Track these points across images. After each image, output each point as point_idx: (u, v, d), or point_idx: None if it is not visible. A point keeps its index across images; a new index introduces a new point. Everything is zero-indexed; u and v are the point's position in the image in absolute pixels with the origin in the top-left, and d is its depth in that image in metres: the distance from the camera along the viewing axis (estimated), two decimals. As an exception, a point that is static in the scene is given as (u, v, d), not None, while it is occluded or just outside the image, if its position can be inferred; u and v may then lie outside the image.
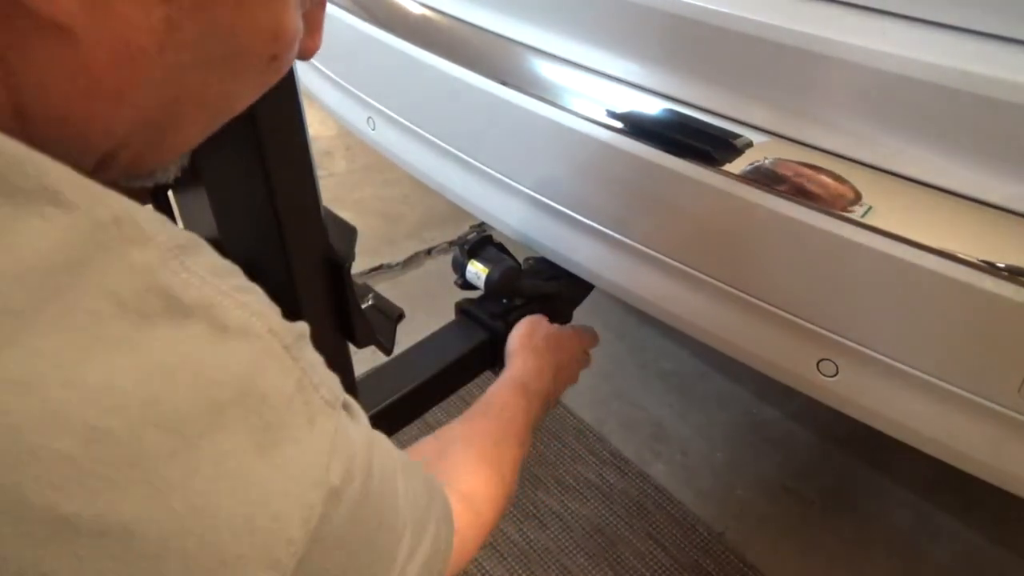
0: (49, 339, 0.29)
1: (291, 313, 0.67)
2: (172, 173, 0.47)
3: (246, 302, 0.37)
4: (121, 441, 0.29)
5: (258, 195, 0.61)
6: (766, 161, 0.81)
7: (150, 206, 0.38)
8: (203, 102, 0.40)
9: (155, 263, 0.33)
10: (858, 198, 0.75)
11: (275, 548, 0.34)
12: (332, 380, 0.43)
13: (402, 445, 0.70)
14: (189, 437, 0.32)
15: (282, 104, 0.59)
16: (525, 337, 1.03)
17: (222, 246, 0.66)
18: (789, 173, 0.79)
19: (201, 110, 0.40)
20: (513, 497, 0.76)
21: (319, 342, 0.71)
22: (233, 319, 0.35)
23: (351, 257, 0.70)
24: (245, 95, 0.43)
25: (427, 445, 0.77)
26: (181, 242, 0.35)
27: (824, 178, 0.77)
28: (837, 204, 0.76)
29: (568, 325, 1.17)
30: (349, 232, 0.72)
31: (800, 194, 0.78)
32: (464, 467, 0.73)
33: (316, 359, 0.42)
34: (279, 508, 0.35)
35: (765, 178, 0.80)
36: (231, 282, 0.37)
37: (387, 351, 0.81)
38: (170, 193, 0.67)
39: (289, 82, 0.58)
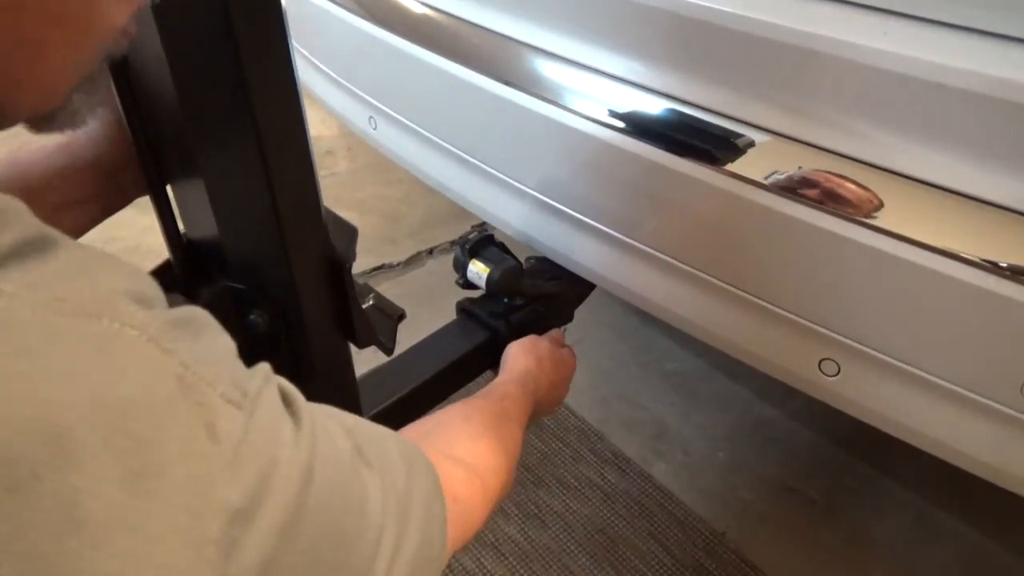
0: None
1: (292, 313, 0.68)
2: (82, 116, 0.40)
3: (78, 287, 0.29)
4: None
5: (259, 195, 0.60)
6: (769, 161, 0.81)
7: None
8: (49, 14, 0.32)
9: None
10: (859, 198, 0.75)
11: None
12: (237, 371, 0.35)
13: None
14: (15, 482, 0.24)
15: (283, 103, 0.59)
16: (528, 345, 1.00)
17: (223, 246, 0.66)
18: (791, 173, 0.79)
19: (51, 25, 0.32)
20: (514, 473, 0.72)
21: (321, 342, 0.72)
22: (62, 311, 0.28)
23: (352, 257, 0.70)
24: (111, 3, 0.35)
25: (423, 423, 0.73)
26: None
27: (826, 178, 0.77)
28: (838, 204, 0.76)
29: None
30: (350, 232, 0.72)
31: (802, 194, 0.78)
32: (464, 436, 0.69)
33: (213, 349, 0.35)
34: (167, 553, 0.28)
35: (767, 178, 0.80)
36: (50, 267, 0.29)
37: (388, 351, 0.81)
38: (170, 192, 0.67)
39: (290, 81, 0.58)
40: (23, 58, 0.32)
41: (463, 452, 0.65)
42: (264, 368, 0.37)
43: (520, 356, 0.98)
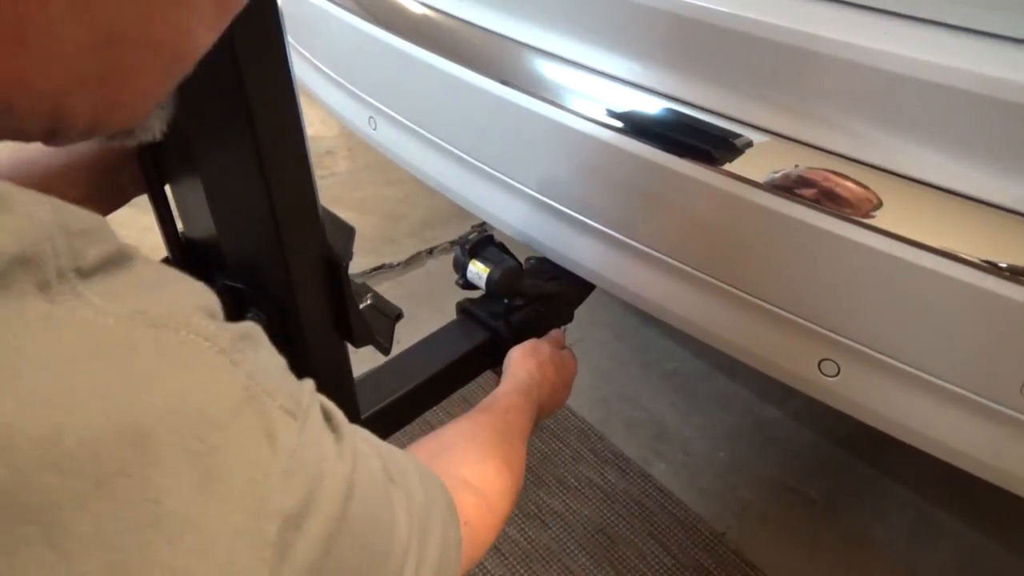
0: None
1: (289, 313, 0.67)
2: (156, 130, 0.42)
3: (155, 301, 0.31)
4: (9, 493, 0.24)
5: (255, 195, 0.60)
6: (768, 161, 0.81)
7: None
8: (147, 42, 0.34)
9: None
10: (858, 198, 0.75)
11: None
12: (293, 387, 0.37)
13: (402, 447, 0.69)
14: (103, 478, 0.26)
15: (279, 103, 0.59)
16: (530, 349, 1.01)
17: (220, 246, 0.66)
18: (790, 173, 0.79)
19: (149, 53, 0.34)
20: (519, 493, 0.74)
21: (318, 341, 0.71)
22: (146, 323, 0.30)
23: (349, 257, 0.70)
24: (201, 30, 0.36)
25: (429, 441, 0.75)
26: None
27: (825, 178, 0.77)
28: (837, 204, 0.76)
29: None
30: (347, 232, 0.72)
31: (800, 194, 0.78)
32: (471, 459, 0.70)
33: (269, 363, 0.36)
34: (230, 551, 0.29)
35: (766, 178, 0.80)
36: (127, 282, 0.31)
37: (385, 351, 0.81)
38: (168, 192, 0.67)
39: (286, 81, 0.58)
40: (120, 83, 0.34)
41: (470, 475, 0.66)
42: (310, 384, 0.39)
43: (522, 362, 0.98)
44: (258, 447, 0.32)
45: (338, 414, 0.41)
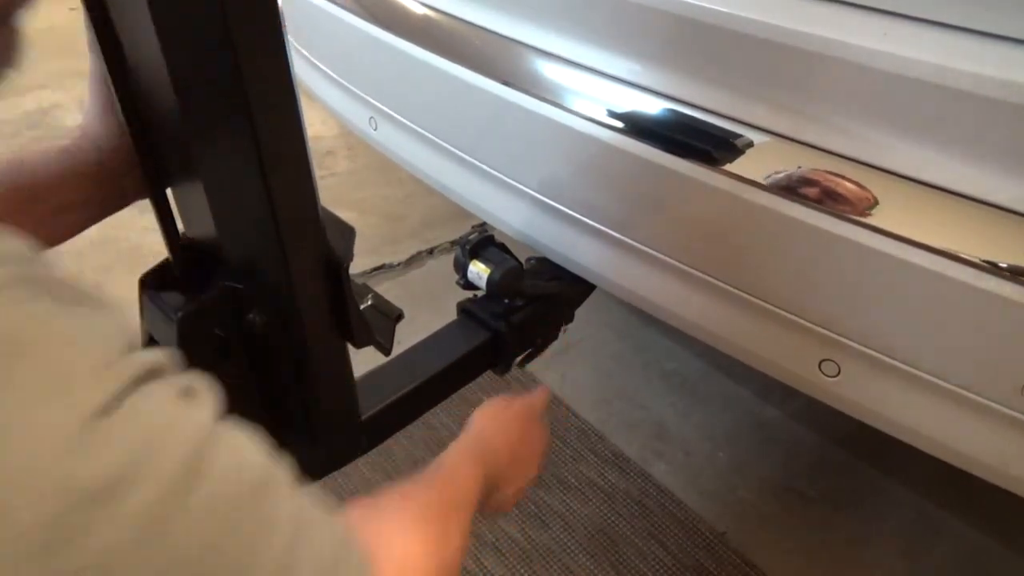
0: None
1: (289, 313, 0.68)
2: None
3: None
4: None
5: (256, 196, 0.61)
6: (767, 161, 0.81)
7: None
8: None
9: None
10: (859, 198, 0.75)
11: None
12: (116, 337, 0.37)
13: (402, 448, 0.68)
14: None
15: (280, 104, 0.59)
16: (499, 408, 0.89)
17: (221, 247, 0.66)
18: (790, 173, 0.79)
19: None
20: (461, 565, 0.64)
21: (318, 342, 0.72)
22: None
23: (349, 257, 0.70)
24: None
25: (359, 505, 0.62)
26: None
27: (825, 178, 0.77)
28: (838, 204, 0.76)
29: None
30: (347, 232, 0.72)
31: (801, 194, 0.78)
32: (399, 526, 0.61)
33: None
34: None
35: (766, 178, 0.80)
36: None
37: (385, 351, 0.81)
38: (169, 193, 0.67)
39: (286, 81, 0.58)
40: None
41: (394, 546, 0.58)
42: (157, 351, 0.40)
43: (481, 420, 0.87)
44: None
45: (200, 391, 0.40)
